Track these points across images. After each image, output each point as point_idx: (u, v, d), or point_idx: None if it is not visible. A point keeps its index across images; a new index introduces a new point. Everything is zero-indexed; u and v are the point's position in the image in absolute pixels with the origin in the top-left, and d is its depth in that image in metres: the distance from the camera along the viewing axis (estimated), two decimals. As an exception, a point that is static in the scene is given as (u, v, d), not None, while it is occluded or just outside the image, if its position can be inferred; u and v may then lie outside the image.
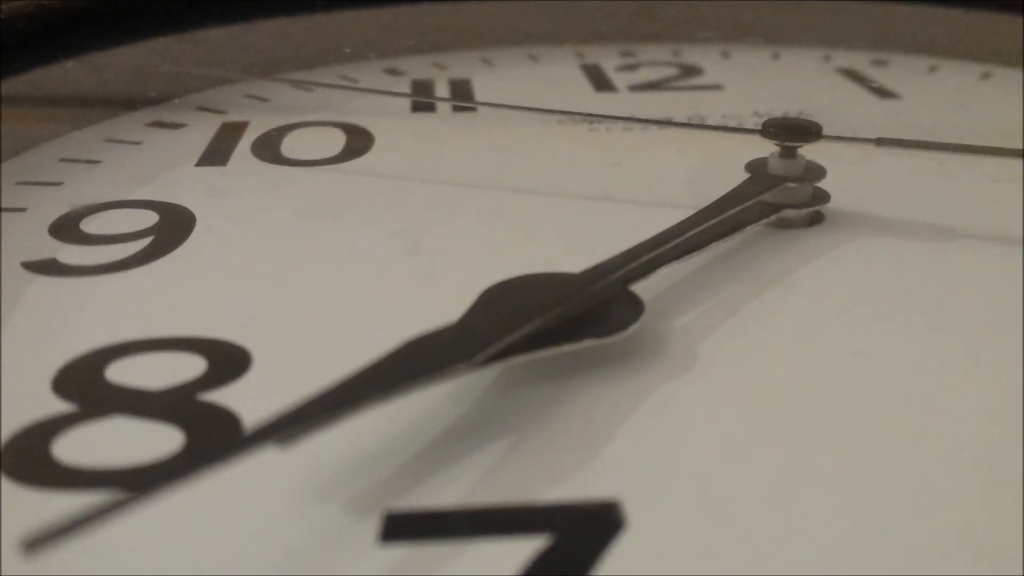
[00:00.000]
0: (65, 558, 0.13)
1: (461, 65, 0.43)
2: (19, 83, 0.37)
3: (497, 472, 0.16)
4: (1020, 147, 0.26)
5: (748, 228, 0.24)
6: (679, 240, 0.22)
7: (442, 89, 0.39)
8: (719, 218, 0.23)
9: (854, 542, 0.15)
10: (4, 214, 0.26)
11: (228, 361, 0.19)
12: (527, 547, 0.15)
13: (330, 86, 0.38)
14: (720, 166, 0.27)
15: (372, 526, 0.15)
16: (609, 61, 0.43)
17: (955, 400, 0.18)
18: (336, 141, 0.32)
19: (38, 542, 0.12)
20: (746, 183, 0.25)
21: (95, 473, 0.16)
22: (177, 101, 0.37)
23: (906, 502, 0.16)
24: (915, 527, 0.15)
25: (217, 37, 0.47)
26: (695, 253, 0.22)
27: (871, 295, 0.22)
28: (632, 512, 0.15)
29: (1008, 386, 0.19)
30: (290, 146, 0.32)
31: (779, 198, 0.25)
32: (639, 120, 0.33)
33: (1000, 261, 0.24)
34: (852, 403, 0.18)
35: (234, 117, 0.35)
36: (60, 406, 0.18)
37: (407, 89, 0.39)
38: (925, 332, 0.21)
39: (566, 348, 0.18)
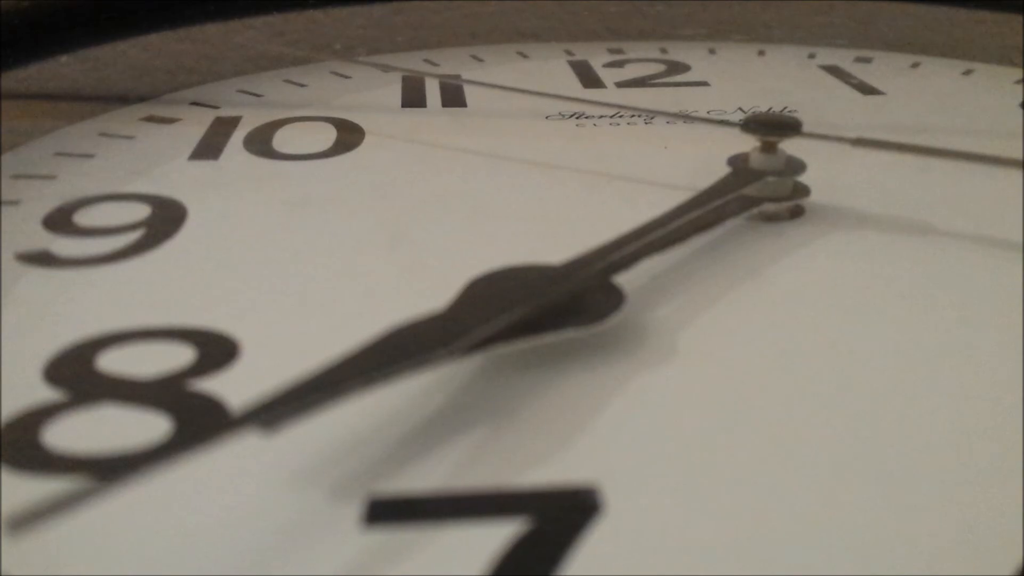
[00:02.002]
0: (52, 539, 0.14)
1: (451, 62, 0.43)
2: (14, 78, 0.38)
3: (479, 458, 0.17)
4: (997, 149, 0.26)
5: (729, 221, 0.24)
6: (661, 232, 0.22)
7: (432, 85, 0.39)
8: (701, 211, 0.24)
9: (830, 530, 0.15)
10: (-2, 207, 0.27)
11: (217, 350, 0.20)
12: (507, 531, 0.15)
13: (441, 74, 0.39)
14: (703, 160, 0.27)
15: (355, 510, 0.15)
16: (597, 58, 0.44)
17: (932, 392, 0.19)
18: (327, 136, 0.33)
19: (21, 523, 0.12)
20: (728, 177, 0.25)
21: (85, 460, 0.16)
22: (170, 96, 0.38)
23: (881, 491, 0.16)
24: (890, 516, 0.15)
25: (211, 33, 0.47)
26: (677, 245, 0.23)
27: (850, 288, 0.23)
28: (610, 497, 0.16)
29: (986, 378, 0.19)
30: (282, 141, 0.32)
31: (760, 192, 0.25)
32: (625, 108, 0.33)
33: (978, 254, 0.24)
34: (829, 394, 0.19)
35: (227, 112, 0.35)
36: (51, 394, 0.18)
37: (398, 85, 0.39)
38: (903, 325, 0.21)
39: (549, 337, 0.19)
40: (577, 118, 0.34)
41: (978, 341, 0.21)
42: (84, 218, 0.26)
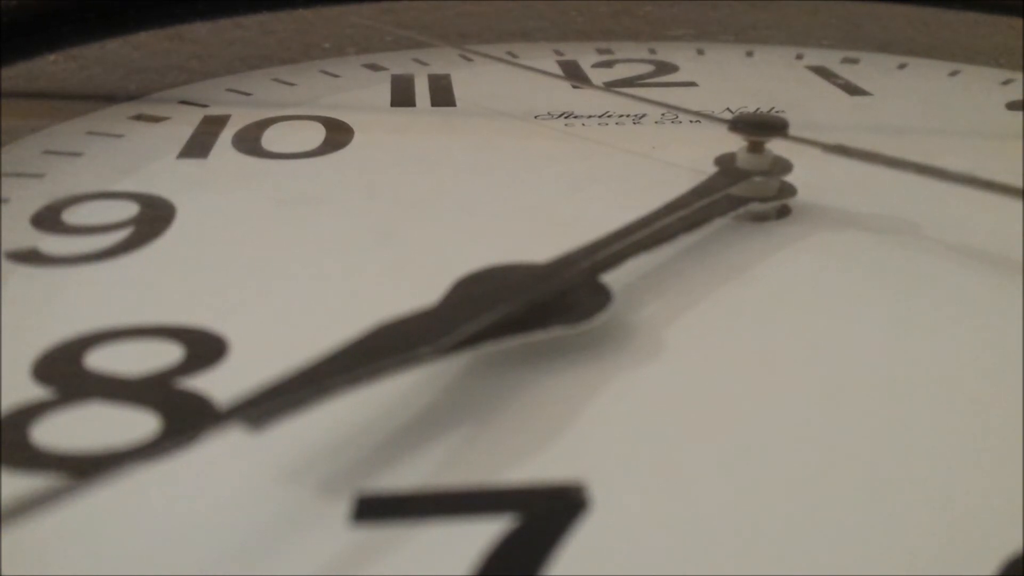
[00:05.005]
0: (38, 536, 0.14)
1: (440, 61, 0.43)
2: (3, 76, 0.37)
3: (467, 455, 0.17)
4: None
5: (716, 220, 0.25)
6: (648, 231, 0.22)
7: (421, 84, 0.39)
8: (688, 210, 0.24)
9: (815, 527, 0.15)
10: (-14, 205, 0.27)
11: (205, 348, 0.20)
12: (495, 528, 0.15)
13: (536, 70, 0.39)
14: (690, 160, 0.27)
15: (343, 507, 0.16)
16: (586, 58, 0.44)
17: (917, 391, 0.19)
18: (316, 135, 0.33)
19: (5, 518, 0.12)
20: (715, 176, 0.25)
21: (73, 457, 0.16)
22: (159, 95, 0.38)
23: (866, 485, 0.16)
24: (876, 514, 0.16)
25: (201, 32, 0.47)
26: (664, 244, 0.23)
27: (836, 287, 0.23)
28: (597, 494, 0.16)
29: (970, 376, 0.19)
30: (271, 139, 0.32)
31: (747, 191, 0.25)
32: (614, 91, 0.33)
33: (963, 254, 0.24)
34: (815, 392, 0.19)
35: (216, 111, 0.35)
36: (39, 392, 0.18)
37: (387, 84, 0.39)
38: (888, 324, 0.21)
39: (536, 336, 0.19)
40: (566, 118, 0.35)
41: (963, 340, 0.21)
42: (72, 216, 0.26)
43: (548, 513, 0.15)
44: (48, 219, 0.26)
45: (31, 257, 0.24)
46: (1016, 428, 0.18)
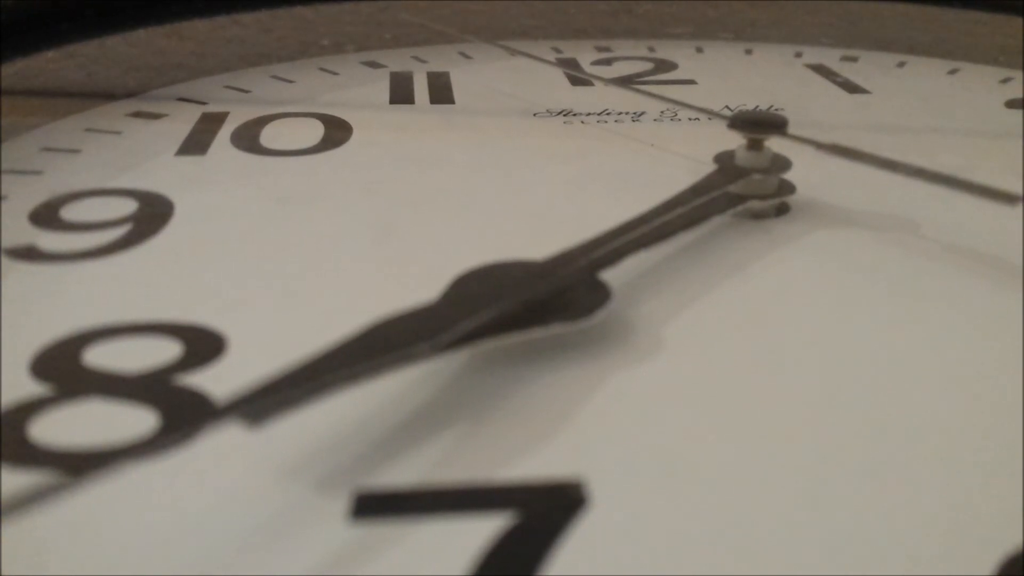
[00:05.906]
0: (41, 533, 0.14)
1: (439, 59, 0.43)
2: (1, 74, 0.37)
3: (465, 452, 0.17)
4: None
5: (715, 218, 0.25)
6: (647, 229, 0.22)
7: (420, 82, 0.39)
8: (686, 208, 0.24)
9: (814, 525, 0.15)
10: (-16, 202, 0.27)
11: (203, 345, 0.20)
12: (493, 524, 0.15)
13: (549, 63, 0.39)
14: (689, 158, 0.27)
15: (341, 504, 0.16)
16: (585, 56, 0.44)
17: (916, 388, 0.19)
18: (315, 132, 0.33)
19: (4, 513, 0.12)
20: (714, 174, 0.25)
21: (70, 454, 0.16)
22: (157, 92, 0.38)
23: (865, 484, 0.16)
24: (874, 512, 0.16)
25: (199, 29, 0.47)
26: (663, 242, 0.23)
27: (835, 285, 0.23)
28: (596, 491, 0.16)
29: (967, 373, 0.19)
30: (269, 137, 0.32)
31: (746, 189, 0.25)
32: (609, 82, 0.33)
33: (962, 252, 0.24)
34: (814, 389, 0.19)
35: (214, 108, 0.35)
36: (38, 389, 0.18)
37: (386, 82, 0.39)
38: (888, 322, 0.21)
39: (535, 333, 0.19)
40: (564, 115, 0.35)
41: (962, 338, 0.21)
42: (71, 213, 0.26)
43: (547, 510, 0.15)
44: (46, 216, 0.26)
45: (29, 254, 0.24)
46: (1016, 427, 0.18)
